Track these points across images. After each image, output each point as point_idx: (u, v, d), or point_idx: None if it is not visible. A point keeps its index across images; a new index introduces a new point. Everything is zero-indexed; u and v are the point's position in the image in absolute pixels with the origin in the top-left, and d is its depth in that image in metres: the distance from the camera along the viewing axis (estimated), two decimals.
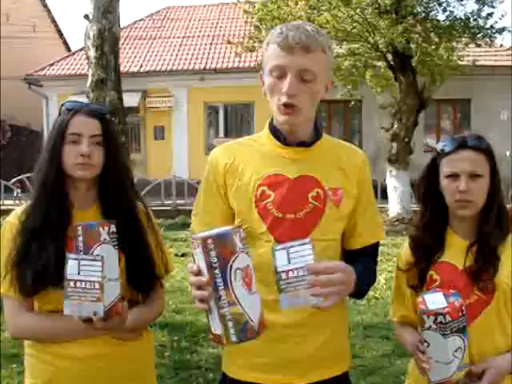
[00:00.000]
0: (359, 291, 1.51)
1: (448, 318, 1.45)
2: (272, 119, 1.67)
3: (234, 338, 1.22)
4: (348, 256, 1.68)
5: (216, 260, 1.21)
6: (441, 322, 1.46)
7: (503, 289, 1.62)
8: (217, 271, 1.21)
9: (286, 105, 1.52)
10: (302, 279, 1.30)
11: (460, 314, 1.47)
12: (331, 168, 1.63)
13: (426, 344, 1.52)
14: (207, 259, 1.22)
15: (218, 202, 1.65)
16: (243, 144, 1.70)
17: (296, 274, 1.30)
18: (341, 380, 1.68)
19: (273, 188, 1.59)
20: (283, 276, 1.30)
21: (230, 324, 1.21)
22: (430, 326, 1.48)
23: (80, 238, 1.50)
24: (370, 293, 5.86)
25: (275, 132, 1.63)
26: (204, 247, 1.21)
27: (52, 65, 17.82)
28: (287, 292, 1.31)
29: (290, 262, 1.31)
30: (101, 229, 1.52)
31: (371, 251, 1.71)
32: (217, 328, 1.24)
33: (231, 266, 1.22)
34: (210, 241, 1.21)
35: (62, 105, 1.73)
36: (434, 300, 1.51)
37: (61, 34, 24.05)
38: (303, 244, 1.33)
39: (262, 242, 1.58)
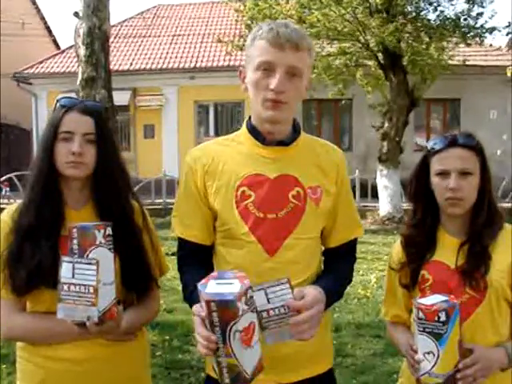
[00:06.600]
0: (330, 305, 1.56)
1: (421, 315, 1.46)
2: (250, 118, 1.66)
3: (227, 381, 1.27)
4: (327, 254, 1.69)
5: (217, 320, 1.23)
6: (416, 316, 1.48)
7: (495, 287, 1.63)
8: (217, 329, 1.24)
9: (273, 101, 1.51)
10: (283, 316, 1.35)
11: (435, 318, 1.44)
12: (310, 166, 1.64)
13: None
14: (209, 318, 1.24)
15: (198, 204, 1.63)
16: (221, 144, 1.68)
17: (277, 312, 1.35)
18: (326, 377, 1.68)
19: (253, 188, 1.58)
20: (264, 315, 1.35)
21: (225, 370, 1.26)
22: (414, 318, 1.50)
23: (75, 241, 1.46)
24: (361, 292, 5.87)
25: (254, 131, 1.62)
26: (207, 307, 1.23)
27: (41, 62, 17.65)
28: (271, 329, 1.36)
29: (269, 302, 1.35)
30: (96, 231, 1.47)
31: (350, 248, 1.72)
32: (214, 367, 1.30)
33: (231, 328, 1.23)
34: (212, 304, 1.22)
35: (57, 100, 1.67)
36: (432, 298, 1.52)
37: (50, 32, 23.89)
38: (280, 284, 1.36)
39: (244, 242, 1.57)
